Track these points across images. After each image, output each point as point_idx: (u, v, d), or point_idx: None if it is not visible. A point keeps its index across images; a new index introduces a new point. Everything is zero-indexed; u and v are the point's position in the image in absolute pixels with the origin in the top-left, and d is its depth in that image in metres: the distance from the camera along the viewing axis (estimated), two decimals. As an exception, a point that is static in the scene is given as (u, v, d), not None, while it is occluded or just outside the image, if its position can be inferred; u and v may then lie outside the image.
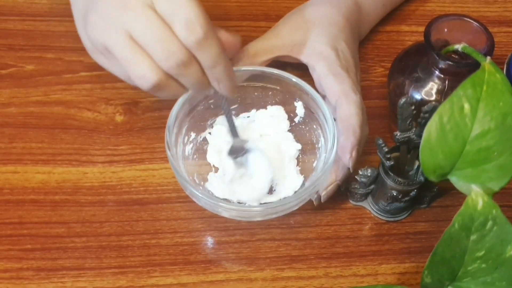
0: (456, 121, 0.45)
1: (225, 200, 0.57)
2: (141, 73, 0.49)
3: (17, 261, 0.54)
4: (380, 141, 0.52)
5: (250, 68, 0.59)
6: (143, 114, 0.63)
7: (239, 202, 0.57)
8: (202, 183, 0.58)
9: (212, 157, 0.60)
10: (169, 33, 0.48)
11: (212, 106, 0.60)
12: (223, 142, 0.59)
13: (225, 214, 0.54)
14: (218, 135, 0.60)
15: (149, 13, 0.47)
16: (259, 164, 0.58)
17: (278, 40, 0.62)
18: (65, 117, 0.62)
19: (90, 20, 0.50)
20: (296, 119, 0.61)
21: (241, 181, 0.58)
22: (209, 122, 0.61)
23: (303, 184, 0.59)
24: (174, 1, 0.47)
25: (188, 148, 0.59)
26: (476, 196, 0.43)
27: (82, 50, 0.67)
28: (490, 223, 0.43)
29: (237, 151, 0.58)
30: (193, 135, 0.60)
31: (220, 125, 0.60)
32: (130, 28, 0.48)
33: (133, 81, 0.50)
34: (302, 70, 0.61)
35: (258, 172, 0.58)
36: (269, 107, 0.62)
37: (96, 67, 0.65)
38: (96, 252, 0.55)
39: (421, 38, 0.60)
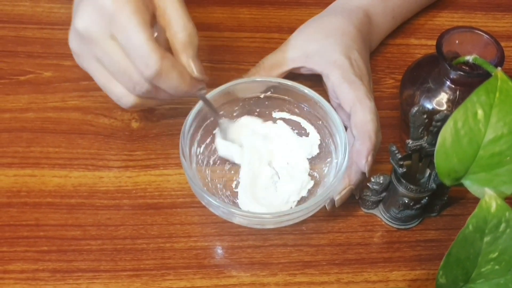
0: (470, 126, 0.46)
1: (239, 208, 0.58)
2: (117, 98, 0.53)
3: (33, 262, 0.55)
4: (394, 148, 0.53)
5: (266, 79, 0.61)
6: (158, 121, 0.64)
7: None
8: (216, 191, 0.59)
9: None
10: (131, 65, 0.49)
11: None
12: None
13: (243, 221, 0.55)
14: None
15: (112, 45, 0.49)
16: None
17: (293, 52, 0.63)
18: (82, 123, 0.63)
19: (70, 45, 0.53)
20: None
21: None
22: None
23: (312, 188, 0.59)
24: (128, 36, 0.48)
25: (201, 158, 0.60)
26: (490, 199, 0.44)
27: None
28: (503, 225, 0.44)
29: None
30: (203, 145, 0.60)
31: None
32: (99, 59, 0.50)
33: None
34: (313, 81, 0.63)
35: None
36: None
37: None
38: (111, 255, 0.56)
39: (430, 51, 0.61)
